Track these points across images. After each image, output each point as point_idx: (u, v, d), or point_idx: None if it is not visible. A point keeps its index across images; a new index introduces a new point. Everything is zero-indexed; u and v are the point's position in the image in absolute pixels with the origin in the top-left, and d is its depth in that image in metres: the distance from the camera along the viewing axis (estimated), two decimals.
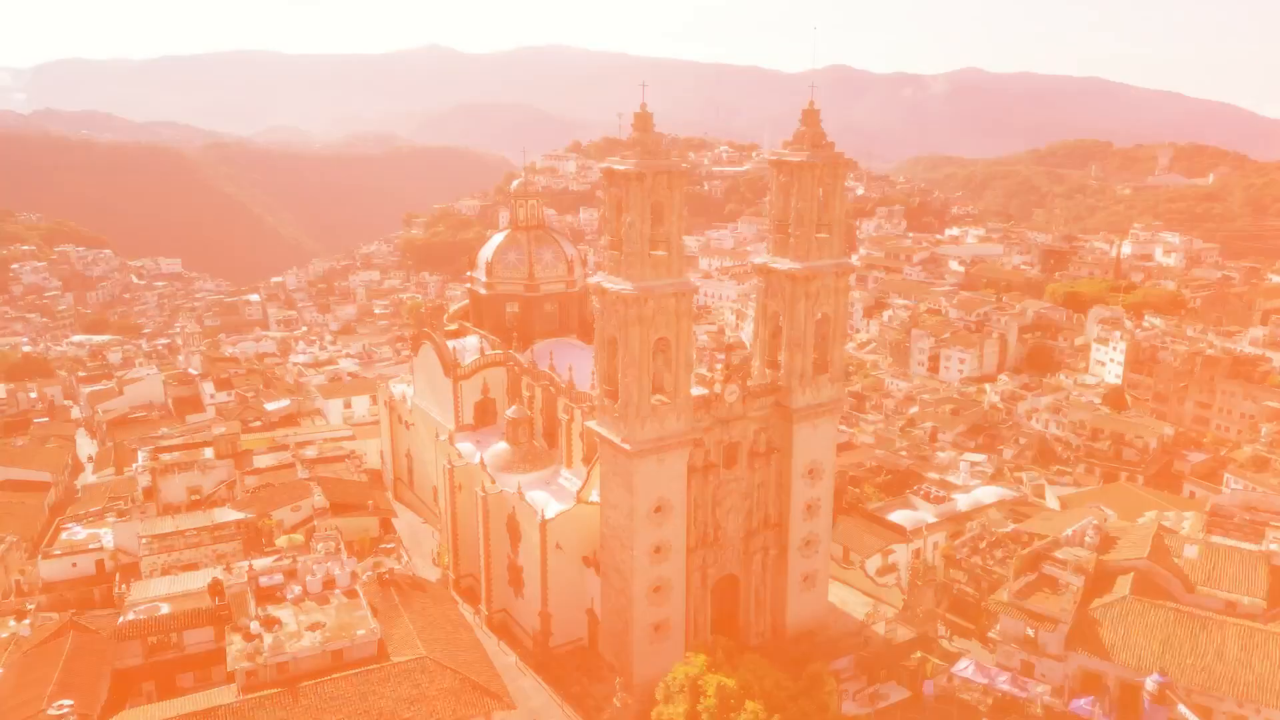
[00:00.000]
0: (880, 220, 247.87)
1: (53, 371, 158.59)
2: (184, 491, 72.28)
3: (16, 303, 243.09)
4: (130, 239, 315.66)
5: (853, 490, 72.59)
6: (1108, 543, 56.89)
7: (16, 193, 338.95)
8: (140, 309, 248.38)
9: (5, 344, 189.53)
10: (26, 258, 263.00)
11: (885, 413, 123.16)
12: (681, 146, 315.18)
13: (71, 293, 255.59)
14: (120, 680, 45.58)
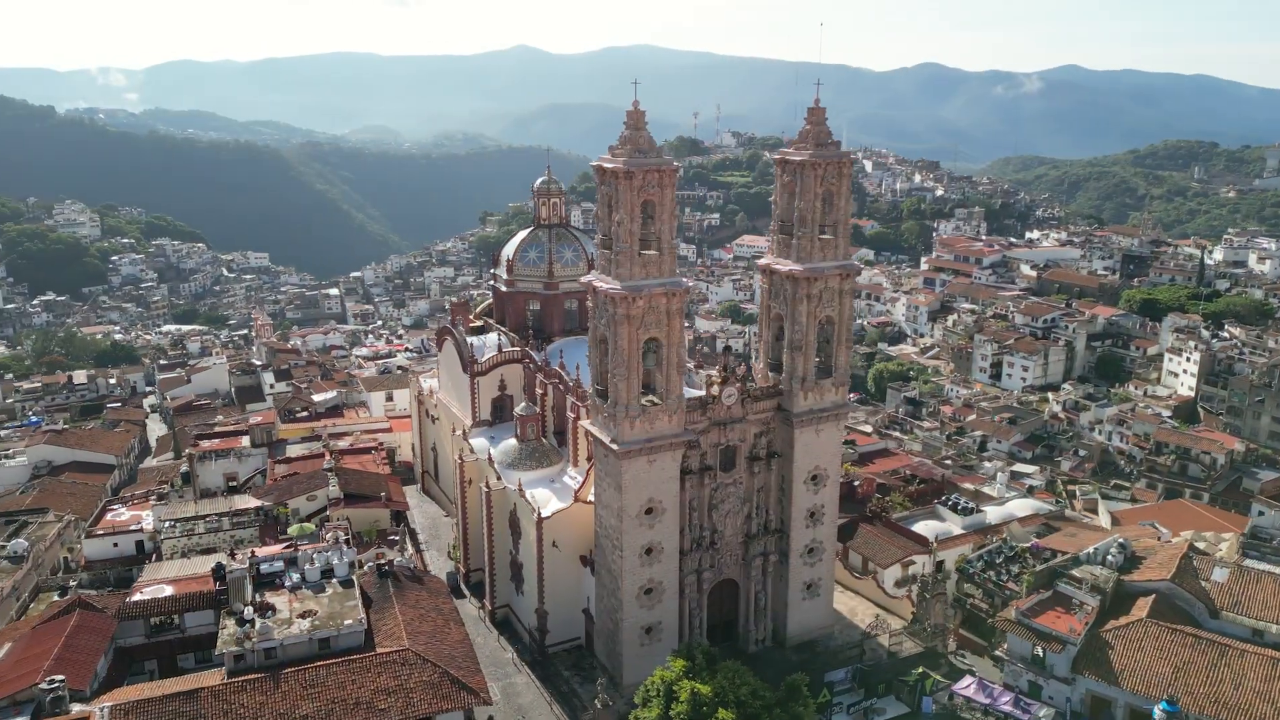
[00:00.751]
0: (958, 222, 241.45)
1: (138, 359, 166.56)
2: (221, 478, 74.99)
3: (115, 293, 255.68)
4: (223, 234, 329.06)
5: (879, 499, 70.70)
6: (1133, 563, 54.28)
7: (123, 188, 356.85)
8: (228, 300, 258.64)
9: (99, 333, 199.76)
10: (126, 250, 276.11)
11: (942, 420, 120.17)
12: (758, 146, 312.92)
13: (166, 284, 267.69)
14: (123, 657, 47.51)
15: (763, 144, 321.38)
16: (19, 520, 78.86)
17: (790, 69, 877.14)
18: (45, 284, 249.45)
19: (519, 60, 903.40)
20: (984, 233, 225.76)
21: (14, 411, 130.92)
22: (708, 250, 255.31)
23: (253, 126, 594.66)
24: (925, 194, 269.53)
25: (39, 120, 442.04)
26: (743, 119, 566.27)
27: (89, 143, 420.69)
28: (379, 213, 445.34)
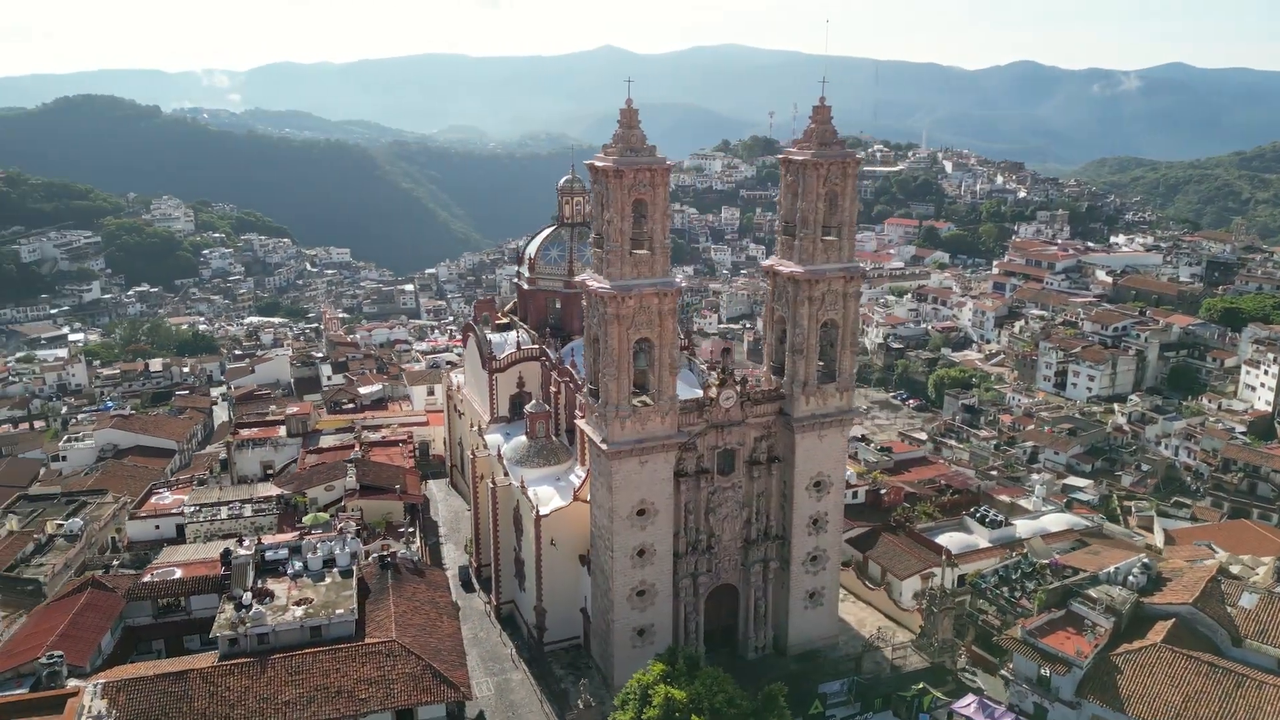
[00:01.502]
0: (1040, 225, 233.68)
1: (216, 349, 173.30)
2: (259, 466, 77.42)
3: (204, 285, 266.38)
4: (309, 229, 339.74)
5: (905, 508, 68.88)
6: (1157, 584, 51.65)
7: (218, 185, 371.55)
8: (310, 294, 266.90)
9: (184, 323, 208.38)
10: (216, 245, 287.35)
11: (1000, 429, 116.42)
12: None
13: (252, 278, 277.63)
14: (131, 636, 49.43)
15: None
16: (79, 500, 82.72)
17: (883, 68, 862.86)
18: (141, 275, 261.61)
19: (604, 60, 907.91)
20: (1066, 236, 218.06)
21: (94, 396, 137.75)
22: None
23: (345, 126, 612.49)
24: (1007, 196, 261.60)
25: (145, 119, 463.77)
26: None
27: (190, 141, 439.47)
28: (463, 211, 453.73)
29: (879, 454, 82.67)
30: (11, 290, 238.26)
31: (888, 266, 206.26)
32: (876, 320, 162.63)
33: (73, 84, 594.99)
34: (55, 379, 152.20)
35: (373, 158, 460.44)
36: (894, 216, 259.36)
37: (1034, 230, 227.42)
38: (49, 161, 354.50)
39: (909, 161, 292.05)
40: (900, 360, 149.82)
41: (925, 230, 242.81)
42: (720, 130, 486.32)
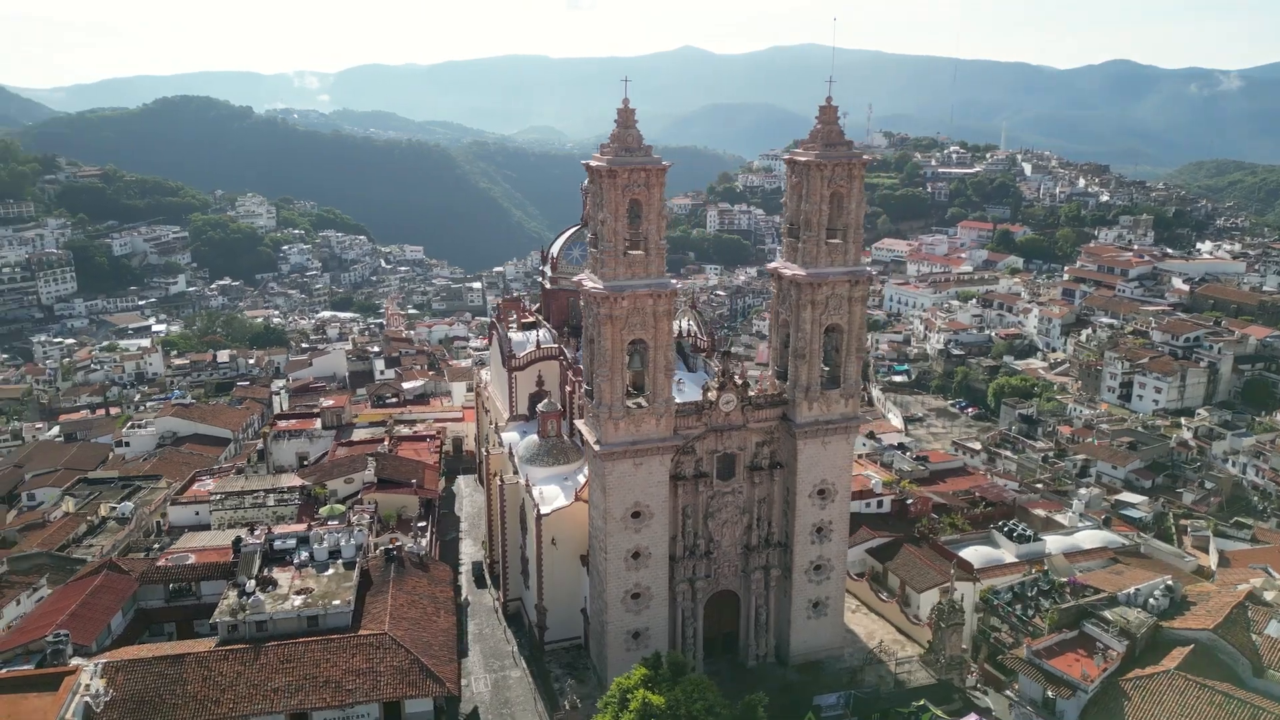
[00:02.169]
0: (1121, 230, 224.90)
1: (286, 342, 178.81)
2: (294, 457, 79.45)
3: (283, 280, 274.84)
4: (385, 227, 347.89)
5: (930, 519, 67.01)
6: (1180, 608, 49.15)
7: (302, 183, 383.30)
8: (383, 290, 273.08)
9: (259, 316, 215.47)
10: (296, 241, 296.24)
11: (1057, 441, 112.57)
12: (910, 147, 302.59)
13: (329, 273, 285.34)
14: (143, 618, 51.16)
15: (915, 145, 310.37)
16: (134, 485, 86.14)
17: (968, 67, 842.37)
18: (224, 269, 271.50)
19: (683, 61, 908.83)
20: (1150, 242, 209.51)
21: (165, 385, 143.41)
22: None
23: (428, 126, 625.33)
24: (1088, 200, 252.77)
25: (238, 119, 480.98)
26: (908, 119, 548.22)
27: (278, 140, 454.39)
28: (537, 210, 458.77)
29: (914, 463, 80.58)
30: (103, 282, 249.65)
31: (955, 271, 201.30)
32: (939, 326, 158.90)
33: (175, 85, 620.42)
34: (134, 367, 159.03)
35: (452, 157, 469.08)
36: (968, 219, 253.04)
37: (1115, 235, 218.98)
38: (146, 159, 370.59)
39: (986, 163, 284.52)
40: (960, 367, 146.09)
41: (999, 234, 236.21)
42: (798, 130, 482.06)
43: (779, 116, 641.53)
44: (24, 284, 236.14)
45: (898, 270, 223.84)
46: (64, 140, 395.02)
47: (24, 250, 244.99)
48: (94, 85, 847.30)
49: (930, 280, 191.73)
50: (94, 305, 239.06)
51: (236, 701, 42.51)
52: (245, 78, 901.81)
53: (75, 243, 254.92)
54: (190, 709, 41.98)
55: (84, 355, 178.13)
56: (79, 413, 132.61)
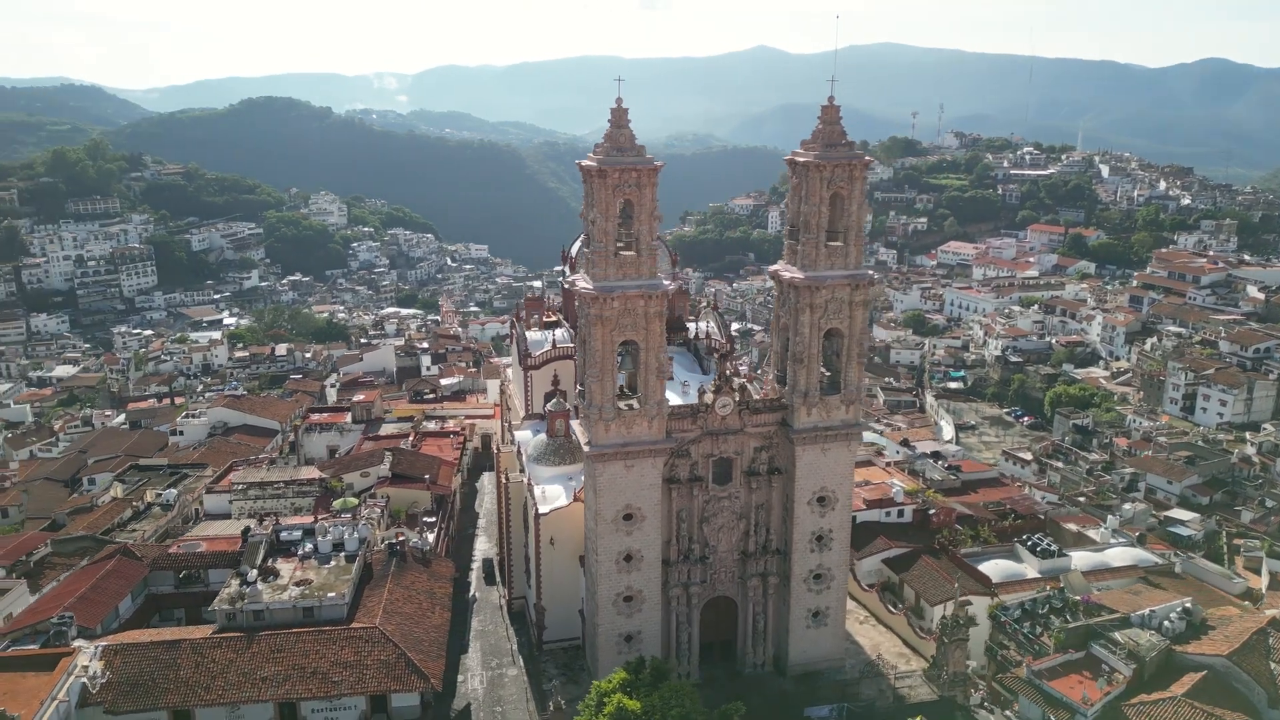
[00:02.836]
0: (1203, 235, 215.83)
1: (347, 337, 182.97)
2: (325, 450, 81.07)
3: (351, 277, 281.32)
4: (453, 226, 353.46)
5: (951, 531, 65.16)
6: (1198, 631, 46.85)
7: (375, 181, 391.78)
8: (448, 288, 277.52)
9: (325, 311, 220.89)
10: (365, 238, 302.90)
11: (1112, 453, 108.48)
12: (982, 148, 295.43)
13: (395, 271, 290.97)
14: (153, 603, 52.68)
15: (988, 145, 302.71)
16: (180, 473, 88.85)
17: (1052, 66, 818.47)
18: (295, 265, 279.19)
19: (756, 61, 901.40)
20: (1233, 248, 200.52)
21: (225, 376, 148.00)
22: (909, 255, 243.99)
23: (501, 127, 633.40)
24: (1168, 203, 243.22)
25: (318, 119, 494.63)
26: (987, 119, 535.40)
27: (355, 140, 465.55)
28: None
29: (946, 472, 78.51)
30: (182, 276, 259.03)
31: (1020, 275, 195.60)
32: (998, 332, 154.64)
33: (262, 86, 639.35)
34: (201, 359, 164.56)
35: (522, 158, 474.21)
36: (1040, 223, 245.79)
37: (1195, 241, 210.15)
38: (229, 157, 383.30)
39: (1061, 165, 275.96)
40: (1017, 375, 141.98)
41: (1071, 238, 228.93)
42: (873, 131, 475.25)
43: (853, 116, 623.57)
44: (107, 277, 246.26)
45: (963, 274, 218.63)
46: (154, 139, 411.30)
47: (109, 245, 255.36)
48: (187, 86, 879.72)
49: (993, 285, 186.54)
50: (172, 298, 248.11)
51: (226, 689, 43.43)
52: (328, 79, 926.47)
53: (156, 238, 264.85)
54: (180, 694, 43.04)
55: (157, 346, 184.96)
56: (146, 401, 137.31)
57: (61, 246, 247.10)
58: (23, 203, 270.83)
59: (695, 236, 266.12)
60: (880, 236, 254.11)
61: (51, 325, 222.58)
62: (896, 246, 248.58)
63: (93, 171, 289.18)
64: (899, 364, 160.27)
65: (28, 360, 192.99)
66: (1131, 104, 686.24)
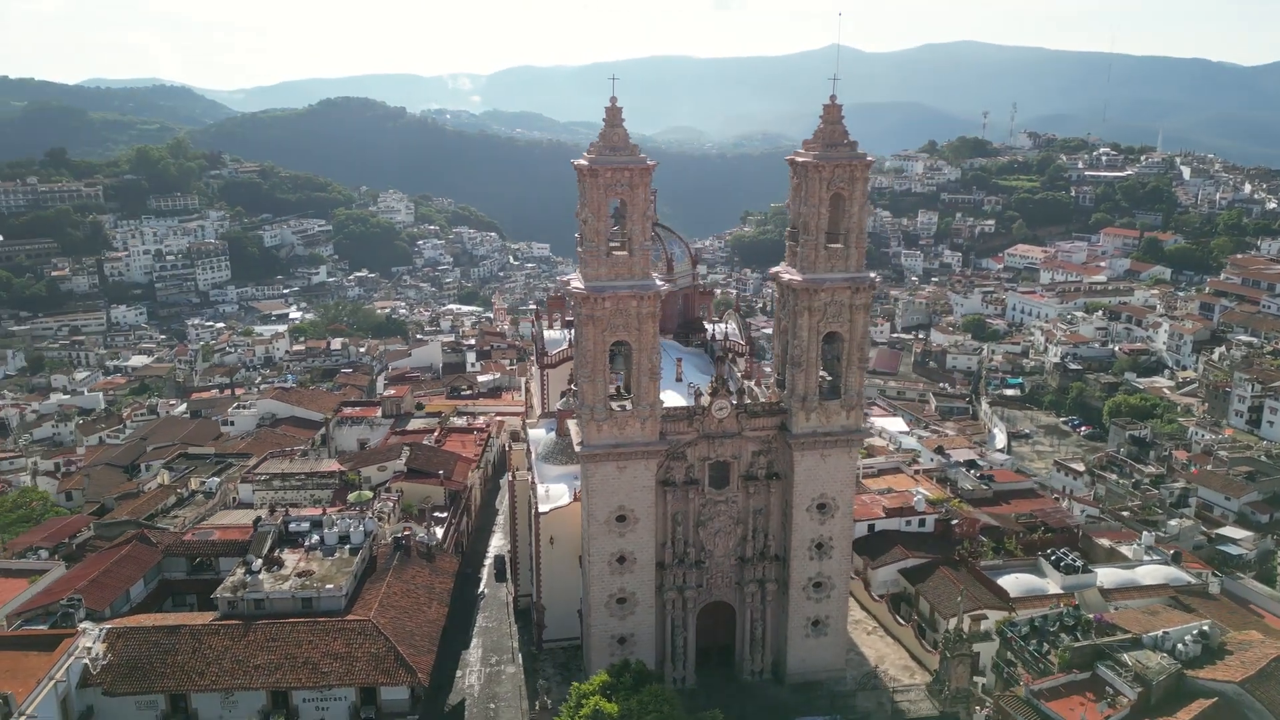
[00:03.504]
0: None
1: (405, 332, 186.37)
2: (355, 443, 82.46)
3: (415, 273, 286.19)
4: (517, 225, 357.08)
5: (971, 543, 63.15)
6: (1214, 655, 44.48)
7: (443, 180, 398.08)
8: (509, 286, 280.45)
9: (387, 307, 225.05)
10: (430, 236, 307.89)
11: (1170, 466, 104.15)
12: (1056, 148, 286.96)
13: (459, 268, 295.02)
14: (166, 588, 54.18)
15: (1063, 146, 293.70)
16: (226, 461, 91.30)
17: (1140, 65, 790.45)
18: (362, 262, 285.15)
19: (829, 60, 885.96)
20: None
21: (282, 369, 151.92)
22: (975, 258, 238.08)
23: (571, 127, 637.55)
24: (1252, 207, 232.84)
25: (392, 119, 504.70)
26: (1068, 119, 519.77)
27: (427, 139, 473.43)
28: (670, 210, 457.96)
29: (977, 482, 76.25)
30: (254, 270, 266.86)
31: (1088, 280, 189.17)
32: (1059, 338, 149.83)
33: (342, 87, 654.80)
34: (263, 351, 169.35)
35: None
36: (1114, 226, 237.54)
37: (1279, 247, 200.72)
38: (305, 156, 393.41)
39: (1139, 166, 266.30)
40: (1076, 383, 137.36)
41: (1147, 242, 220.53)
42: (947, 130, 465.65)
43: (928, 116, 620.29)
44: (184, 271, 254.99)
45: (1029, 278, 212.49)
46: (236, 138, 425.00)
47: (186, 240, 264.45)
48: (272, 87, 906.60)
49: (1058, 289, 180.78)
50: (244, 292, 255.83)
51: (220, 675, 44.45)
52: (406, 80, 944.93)
53: (231, 233, 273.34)
54: (176, 678, 44.19)
55: (224, 339, 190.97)
56: (209, 392, 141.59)
57: (142, 241, 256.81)
58: (108, 199, 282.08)
59: (755, 237, 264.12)
60: (945, 239, 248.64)
61: (130, 317, 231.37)
62: (962, 249, 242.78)
63: (174, 169, 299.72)
64: (955, 369, 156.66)
65: (105, 350, 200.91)
66: (1223, 104, 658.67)
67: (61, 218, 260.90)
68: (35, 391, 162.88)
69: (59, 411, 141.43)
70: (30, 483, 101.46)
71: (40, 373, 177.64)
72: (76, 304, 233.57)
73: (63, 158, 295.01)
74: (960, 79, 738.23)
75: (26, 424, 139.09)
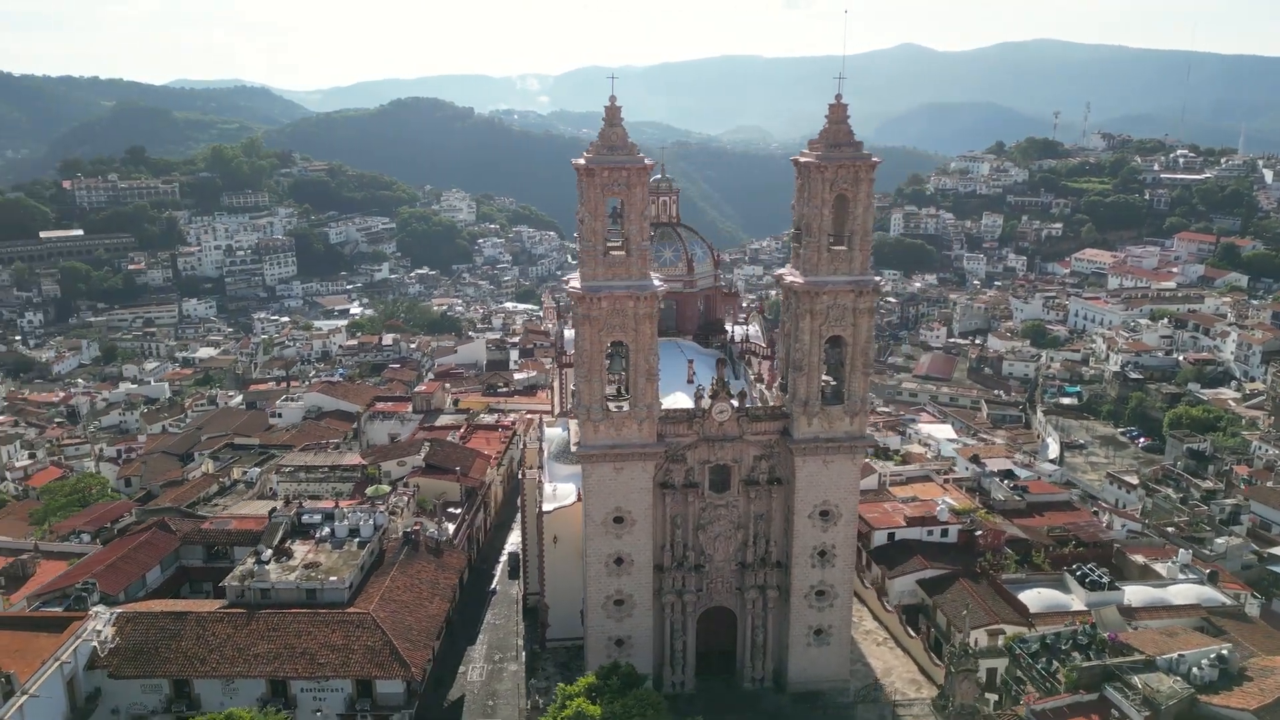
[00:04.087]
0: None
1: (459, 329, 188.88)
2: (386, 436, 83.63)
3: (475, 271, 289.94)
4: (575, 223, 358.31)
5: (1003, 555, 61.33)
6: (1232, 681, 42.35)
7: (506, 180, 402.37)
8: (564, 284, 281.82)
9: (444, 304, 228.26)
10: (490, 235, 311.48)
11: (1228, 482, 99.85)
12: (1131, 150, 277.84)
13: (518, 267, 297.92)
14: (183, 575, 55.59)
15: (1138, 147, 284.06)
16: (269, 453, 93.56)
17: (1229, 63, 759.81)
18: (424, 259, 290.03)
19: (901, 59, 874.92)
20: None
21: (335, 363, 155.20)
22: (1040, 262, 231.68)
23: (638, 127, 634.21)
24: None
25: (460, 120, 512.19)
26: (1148, 120, 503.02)
27: (494, 139, 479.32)
28: (733, 210, 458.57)
29: (1010, 493, 74.01)
30: (319, 266, 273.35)
31: (1156, 286, 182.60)
32: (1120, 346, 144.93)
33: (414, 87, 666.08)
34: (320, 345, 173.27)
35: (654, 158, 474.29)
36: (1188, 230, 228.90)
37: None
38: (374, 155, 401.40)
39: (1219, 169, 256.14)
40: (1136, 393, 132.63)
41: (1223, 248, 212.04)
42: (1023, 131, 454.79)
43: (1003, 116, 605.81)
44: (253, 266, 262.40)
45: (1097, 283, 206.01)
46: (310, 137, 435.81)
47: (256, 236, 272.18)
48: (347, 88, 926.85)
49: (1124, 296, 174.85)
50: (309, 287, 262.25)
51: (220, 662, 45.34)
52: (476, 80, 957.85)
53: (299, 230, 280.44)
54: (178, 663, 45.22)
55: (285, 332, 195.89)
56: (265, 384, 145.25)
57: (214, 237, 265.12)
58: (183, 195, 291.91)
59: None
60: (1010, 242, 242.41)
61: (201, 310, 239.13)
62: (1027, 253, 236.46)
63: (246, 168, 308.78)
64: (1011, 376, 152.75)
65: (175, 341, 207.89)
66: None
67: (139, 213, 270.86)
68: (107, 380, 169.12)
69: (126, 400, 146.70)
70: (94, 468, 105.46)
71: (113, 362, 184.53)
72: (151, 297, 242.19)
73: (142, 155, 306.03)
74: (1038, 79, 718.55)
75: (96, 411, 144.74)
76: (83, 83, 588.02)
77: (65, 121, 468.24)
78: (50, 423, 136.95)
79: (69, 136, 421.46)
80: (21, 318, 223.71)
